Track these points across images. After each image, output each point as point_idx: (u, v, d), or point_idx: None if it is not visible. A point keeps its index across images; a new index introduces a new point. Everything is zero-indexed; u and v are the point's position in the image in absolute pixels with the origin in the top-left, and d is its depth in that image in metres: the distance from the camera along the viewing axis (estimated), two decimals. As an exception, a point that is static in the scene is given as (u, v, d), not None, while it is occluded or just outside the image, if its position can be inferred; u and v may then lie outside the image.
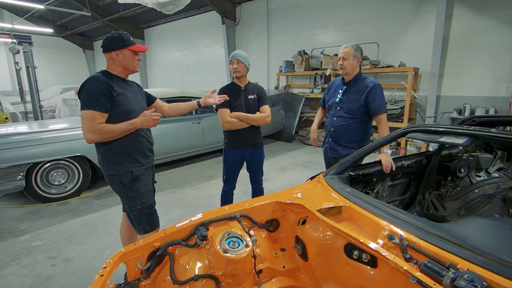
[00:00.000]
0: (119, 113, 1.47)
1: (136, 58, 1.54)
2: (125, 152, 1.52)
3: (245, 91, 2.13)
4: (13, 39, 5.35)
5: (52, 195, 3.14)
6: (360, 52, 1.97)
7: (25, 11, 10.24)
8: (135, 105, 1.56)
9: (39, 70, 5.76)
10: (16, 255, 2.17)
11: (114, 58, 1.49)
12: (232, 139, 2.14)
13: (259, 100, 2.17)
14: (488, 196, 1.76)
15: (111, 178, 1.56)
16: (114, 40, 1.47)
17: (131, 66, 1.53)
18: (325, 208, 1.14)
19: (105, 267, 0.93)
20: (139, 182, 1.58)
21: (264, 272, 1.13)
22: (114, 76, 1.51)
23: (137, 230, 1.65)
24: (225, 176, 2.25)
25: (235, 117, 2.06)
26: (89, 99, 1.39)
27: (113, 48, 1.47)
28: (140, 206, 1.59)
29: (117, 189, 1.59)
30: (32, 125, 3.62)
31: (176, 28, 10.08)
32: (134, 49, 1.50)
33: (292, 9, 6.97)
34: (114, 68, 1.52)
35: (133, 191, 1.57)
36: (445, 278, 0.72)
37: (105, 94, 1.40)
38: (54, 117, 7.32)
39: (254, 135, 2.17)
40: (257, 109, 2.17)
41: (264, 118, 2.12)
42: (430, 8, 4.96)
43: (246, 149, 2.16)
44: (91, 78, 1.43)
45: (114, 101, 1.44)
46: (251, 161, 2.24)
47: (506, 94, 4.46)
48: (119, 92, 1.47)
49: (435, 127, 1.43)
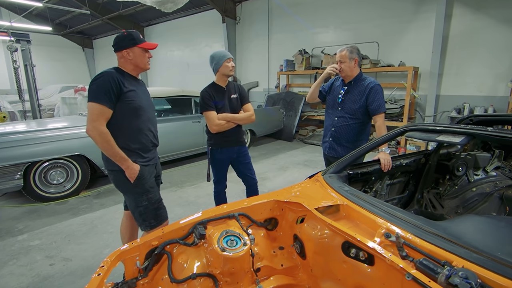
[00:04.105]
0: (129, 109, 1.49)
1: (147, 56, 1.56)
2: (130, 147, 1.53)
3: (227, 91, 2.12)
4: (11, 37, 5.32)
5: (51, 194, 3.13)
6: (357, 52, 1.96)
7: (23, 9, 10.20)
8: (144, 103, 1.58)
9: (37, 68, 5.73)
10: (14, 255, 2.17)
11: (125, 56, 1.51)
12: (219, 139, 2.12)
13: (241, 98, 2.18)
14: (486, 195, 1.77)
15: (115, 174, 1.53)
16: (124, 38, 1.49)
17: (142, 63, 1.55)
18: (323, 206, 1.14)
19: (103, 266, 0.93)
20: (144, 178, 1.57)
21: (262, 270, 1.14)
22: (126, 74, 1.53)
23: (142, 227, 1.63)
24: (216, 177, 2.23)
25: (222, 118, 2.05)
26: (99, 92, 1.40)
27: (123, 46, 1.49)
28: (147, 201, 1.58)
29: (122, 185, 1.56)
30: (31, 124, 3.61)
31: (176, 26, 10.06)
32: (144, 47, 1.52)
33: (293, 8, 6.96)
34: (126, 66, 1.54)
35: (139, 186, 1.55)
36: (440, 275, 0.72)
37: (114, 91, 1.42)
38: (53, 116, 7.29)
39: (240, 134, 2.20)
40: (240, 108, 2.17)
41: (249, 117, 2.15)
42: (429, 7, 4.96)
43: (234, 148, 2.17)
44: (105, 73, 1.44)
45: (124, 96, 1.46)
46: (239, 160, 2.23)
47: (505, 93, 4.47)
48: (130, 89, 1.49)
49: (433, 126, 1.43)
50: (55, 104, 7.52)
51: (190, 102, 4.42)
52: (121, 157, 1.46)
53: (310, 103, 6.75)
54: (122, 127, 1.50)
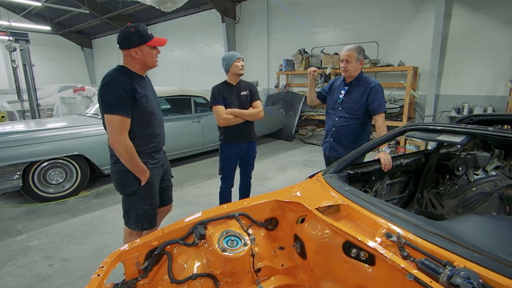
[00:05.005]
0: (142, 115, 1.45)
1: (155, 53, 1.47)
2: (143, 150, 1.50)
3: (237, 88, 2.22)
4: (10, 37, 5.30)
5: (50, 195, 3.12)
6: (363, 53, 1.98)
7: (22, 8, 10.17)
8: (155, 106, 1.57)
9: (36, 68, 5.71)
10: (13, 255, 2.16)
11: (133, 55, 1.41)
12: (228, 135, 2.21)
13: (251, 96, 2.26)
14: (486, 194, 1.77)
15: (123, 174, 1.48)
16: (132, 35, 1.37)
17: (150, 62, 1.47)
18: (324, 206, 1.14)
19: (102, 267, 0.92)
20: (153, 182, 1.56)
21: (263, 270, 1.13)
22: (134, 75, 1.45)
23: (132, 226, 1.59)
24: (222, 172, 2.31)
25: (230, 113, 2.14)
26: (115, 103, 1.34)
27: (131, 45, 1.38)
28: (148, 206, 1.57)
29: (127, 186, 1.51)
30: (29, 124, 3.60)
31: (176, 26, 10.04)
32: (153, 44, 1.43)
33: (292, 7, 6.95)
34: (133, 65, 1.45)
35: (147, 189, 1.53)
36: (441, 276, 0.72)
37: (129, 99, 1.37)
38: (52, 115, 7.27)
39: (250, 130, 2.28)
40: (249, 105, 2.26)
41: (257, 113, 2.23)
42: (429, 7, 4.97)
43: (242, 143, 2.26)
44: (115, 79, 1.36)
45: (138, 103, 1.41)
46: (246, 156, 2.33)
47: (504, 93, 4.48)
48: (142, 94, 1.44)
49: (433, 126, 1.43)
50: (54, 104, 7.50)
51: (190, 102, 4.41)
52: (142, 168, 1.44)
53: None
54: (135, 133, 1.45)
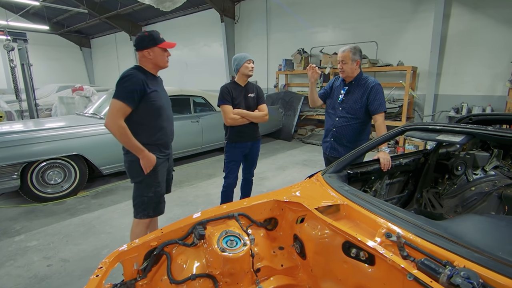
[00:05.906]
0: (152, 108, 1.62)
1: (166, 55, 1.67)
2: (153, 142, 1.66)
3: (245, 89, 2.29)
4: (8, 36, 5.27)
5: (48, 195, 3.11)
6: (359, 54, 1.96)
7: (20, 8, 10.12)
8: (164, 102, 1.72)
9: (34, 68, 5.69)
10: (11, 256, 2.15)
11: (146, 56, 1.61)
12: (233, 134, 2.28)
13: (258, 99, 2.34)
14: (485, 194, 1.77)
15: (131, 163, 1.64)
16: (145, 38, 1.59)
17: (161, 62, 1.66)
18: (323, 206, 1.14)
19: (101, 267, 0.92)
20: (158, 170, 1.69)
21: (262, 270, 1.13)
22: (148, 73, 1.64)
23: (138, 215, 1.71)
24: (226, 170, 2.36)
25: (237, 113, 2.21)
26: (124, 91, 1.52)
27: (144, 46, 1.59)
28: (153, 194, 1.70)
29: (135, 174, 1.65)
30: (28, 124, 3.58)
31: (175, 26, 10.02)
32: (163, 47, 1.63)
33: (292, 7, 6.95)
34: (146, 65, 1.64)
35: (152, 178, 1.67)
36: (441, 276, 0.72)
37: (138, 91, 1.54)
38: (50, 115, 7.24)
39: (254, 130, 2.34)
40: (255, 107, 2.33)
41: (263, 117, 2.32)
42: (428, 6, 4.97)
43: (247, 143, 2.32)
44: (132, 74, 1.55)
45: (148, 96, 1.58)
46: (250, 154, 2.40)
47: (503, 93, 4.50)
48: (153, 89, 1.62)
49: (433, 125, 1.43)
50: (52, 103, 7.46)
51: (189, 102, 4.40)
52: (138, 147, 1.58)
53: (308, 103, 6.75)
54: (146, 125, 1.63)
